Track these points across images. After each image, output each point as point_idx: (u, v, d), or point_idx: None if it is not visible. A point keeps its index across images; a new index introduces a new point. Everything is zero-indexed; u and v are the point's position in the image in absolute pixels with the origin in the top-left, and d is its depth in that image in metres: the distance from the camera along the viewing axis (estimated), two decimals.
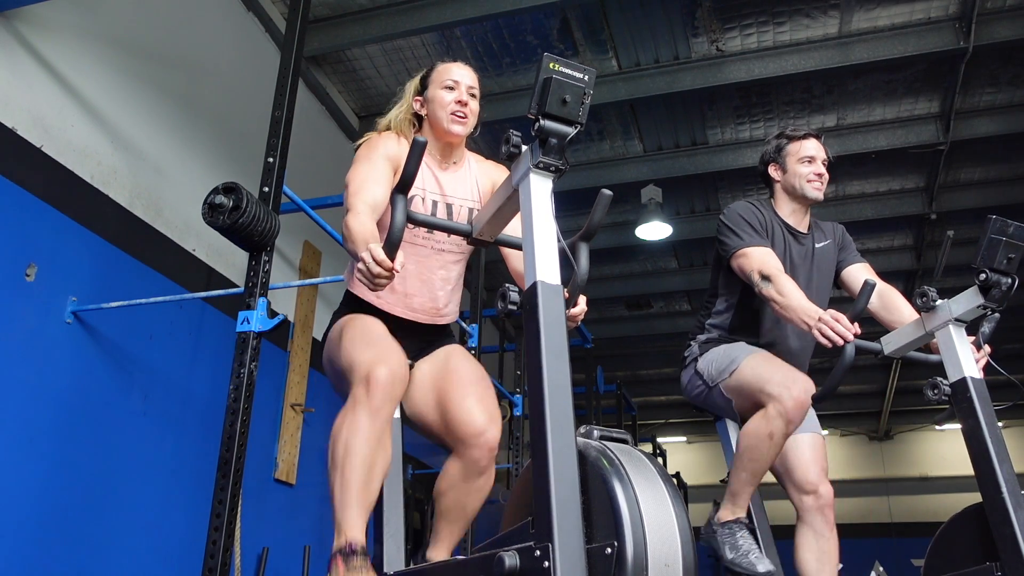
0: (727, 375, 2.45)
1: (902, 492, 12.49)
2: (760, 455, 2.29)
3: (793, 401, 2.24)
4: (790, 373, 2.33)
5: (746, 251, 2.47)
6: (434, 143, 2.13)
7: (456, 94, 2.10)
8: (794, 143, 2.67)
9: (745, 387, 2.39)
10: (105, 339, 3.38)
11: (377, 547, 2.00)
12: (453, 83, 2.12)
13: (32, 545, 2.96)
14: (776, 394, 2.26)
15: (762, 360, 2.41)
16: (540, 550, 1.19)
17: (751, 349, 2.49)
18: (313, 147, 5.20)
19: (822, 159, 2.64)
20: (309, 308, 5.01)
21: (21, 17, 3.12)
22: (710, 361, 2.55)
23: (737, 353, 2.47)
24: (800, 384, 2.27)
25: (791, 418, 2.24)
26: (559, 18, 5.00)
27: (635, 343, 9.94)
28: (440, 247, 2.10)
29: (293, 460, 4.64)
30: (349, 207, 1.89)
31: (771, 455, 2.30)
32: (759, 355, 2.44)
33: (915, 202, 6.79)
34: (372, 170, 1.97)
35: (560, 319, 1.35)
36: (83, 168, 3.38)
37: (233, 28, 4.58)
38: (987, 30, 4.83)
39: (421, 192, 2.07)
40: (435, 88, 2.13)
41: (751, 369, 2.38)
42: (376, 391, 1.77)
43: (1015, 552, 1.93)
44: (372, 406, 1.77)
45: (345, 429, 1.78)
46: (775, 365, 2.39)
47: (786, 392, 2.25)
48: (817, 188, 2.62)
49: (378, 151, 2.03)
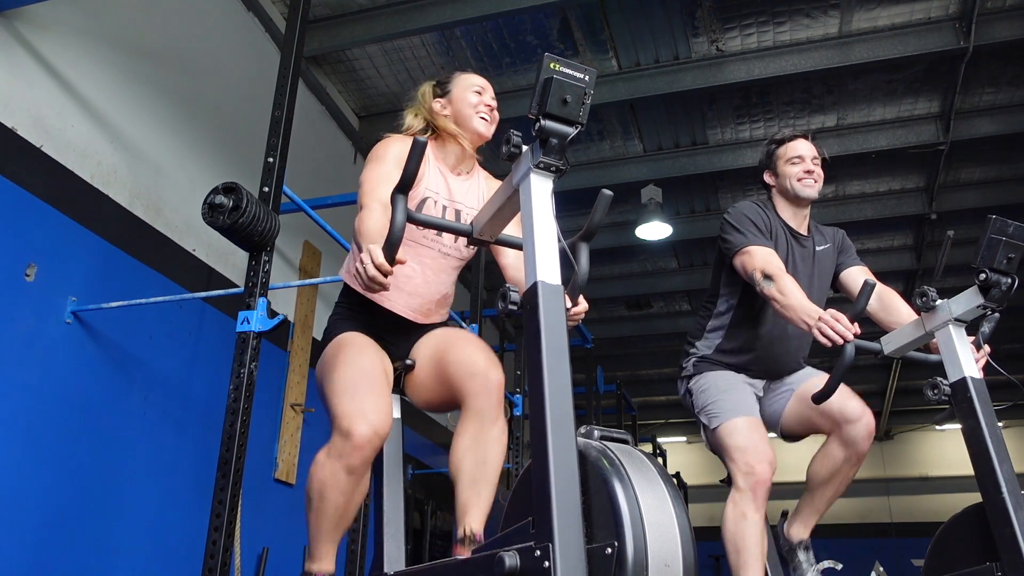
0: (711, 428, 2.51)
1: (902, 492, 12.49)
2: (747, 540, 2.34)
3: (755, 479, 2.34)
4: (757, 450, 2.38)
5: (749, 249, 2.47)
6: (450, 149, 2.16)
7: (483, 98, 2.17)
8: (783, 146, 2.69)
9: (721, 446, 2.47)
10: (105, 339, 3.38)
11: (377, 548, 2.00)
12: (480, 88, 2.18)
13: (32, 545, 2.96)
14: (741, 470, 2.37)
15: (741, 428, 2.44)
16: (540, 550, 1.19)
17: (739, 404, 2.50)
18: (313, 147, 5.20)
19: (812, 157, 2.65)
20: (309, 308, 5.01)
21: (21, 17, 3.12)
22: (700, 390, 2.60)
23: (724, 407, 2.50)
24: (764, 463, 2.35)
25: (755, 494, 2.34)
26: (559, 18, 5.00)
27: (635, 343, 9.94)
28: (446, 251, 2.12)
29: (293, 460, 4.64)
30: (363, 205, 1.92)
31: (757, 532, 2.35)
32: (740, 423, 2.46)
33: (915, 202, 6.79)
34: (386, 173, 1.98)
35: (560, 319, 1.35)
36: (83, 168, 3.38)
37: (233, 28, 4.57)
38: (987, 30, 4.83)
39: (433, 195, 2.09)
40: (461, 90, 2.17)
41: (728, 435, 2.44)
42: (354, 453, 1.78)
43: (1015, 552, 1.93)
44: (349, 464, 1.79)
45: (321, 475, 1.83)
46: (749, 437, 2.42)
47: (748, 476, 2.35)
48: (808, 185, 2.62)
49: (390, 152, 2.05)
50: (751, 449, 2.38)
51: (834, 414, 2.42)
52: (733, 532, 2.36)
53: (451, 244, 2.12)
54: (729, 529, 2.37)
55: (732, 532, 2.36)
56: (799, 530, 2.58)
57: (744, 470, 2.37)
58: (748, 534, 2.33)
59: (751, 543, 2.33)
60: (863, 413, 2.41)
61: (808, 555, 2.54)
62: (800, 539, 2.57)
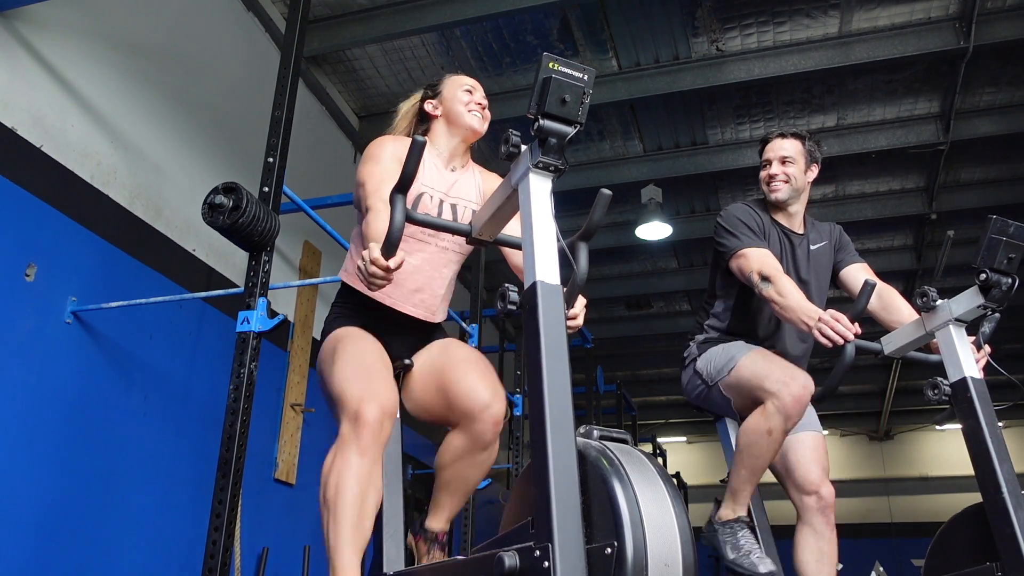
0: (726, 373, 2.45)
1: (902, 492, 12.48)
2: (759, 452, 2.29)
3: (791, 397, 2.23)
4: (789, 370, 2.33)
5: (745, 252, 2.47)
6: (444, 144, 2.19)
7: (476, 96, 2.21)
8: (762, 147, 2.70)
9: (744, 384, 2.38)
10: (105, 339, 3.38)
11: (377, 548, 2.00)
12: (471, 87, 2.22)
13: (32, 545, 2.96)
14: (774, 390, 2.26)
15: (760, 357, 2.40)
16: (540, 550, 1.19)
17: (749, 347, 2.48)
18: (313, 147, 5.20)
19: (779, 158, 2.62)
20: (309, 308, 5.02)
21: (21, 17, 3.12)
22: (708, 360, 2.55)
23: (735, 351, 2.47)
24: (799, 380, 2.27)
25: (790, 414, 2.24)
26: (559, 18, 5.00)
27: (635, 343, 9.94)
28: (445, 245, 2.13)
29: (293, 460, 4.64)
30: (369, 206, 1.93)
31: (771, 452, 2.29)
32: (757, 352, 2.44)
33: (915, 202, 6.79)
34: (386, 172, 2.00)
35: (560, 319, 1.35)
36: (83, 168, 3.38)
37: (233, 28, 4.57)
38: (987, 30, 4.83)
39: (429, 190, 2.10)
40: (452, 89, 2.22)
41: (749, 366, 2.38)
42: (364, 432, 1.78)
43: (1015, 552, 1.93)
44: (360, 446, 1.78)
45: (335, 469, 1.80)
46: (773, 362, 2.38)
47: (784, 388, 2.25)
48: (775, 189, 2.61)
49: (387, 150, 2.07)
50: (781, 369, 2.32)
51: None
52: (750, 440, 2.30)
53: (450, 238, 2.12)
54: (748, 436, 2.31)
55: (749, 440, 2.31)
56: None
57: (778, 389, 2.24)
58: (764, 449, 2.27)
59: (764, 458, 2.29)
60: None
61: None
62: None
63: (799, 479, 2.45)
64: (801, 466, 2.45)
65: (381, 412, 1.80)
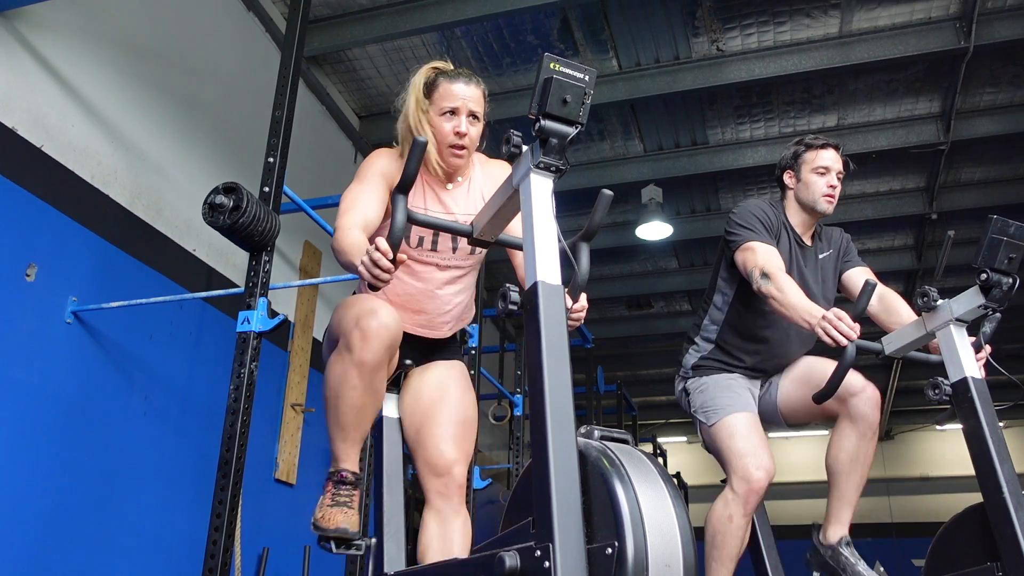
0: (708, 423, 2.51)
1: (903, 492, 12.47)
2: (727, 541, 2.36)
3: (748, 488, 2.35)
4: (757, 454, 2.38)
5: (752, 245, 2.46)
6: (436, 165, 2.07)
7: (455, 123, 2.01)
8: (811, 152, 2.64)
9: (719, 445, 2.47)
10: (105, 339, 3.38)
11: (377, 547, 2.00)
12: (453, 108, 2.01)
13: (32, 545, 2.96)
14: (740, 475, 2.37)
15: (740, 426, 2.44)
16: (540, 550, 1.19)
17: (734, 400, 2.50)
18: (313, 147, 5.20)
19: (837, 171, 2.63)
20: (309, 308, 5.01)
21: (21, 17, 3.12)
22: (697, 399, 2.60)
23: (722, 403, 2.50)
24: (763, 467, 2.35)
25: (747, 501, 2.35)
26: (559, 18, 5.00)
27: (635, 343, 9.94)
28: (446, 263, 2.08)
29: (293, 460, 4.64)
30: (336, 227, 1.91)
31: (738, 538, 2.37)
32: (741, 418, 2.45)
33: (915, 202, 6.78)
34: (364, 190, 1.99)
35: (561, 319, 1.35)
36: (83, 168, 3.38)
37: (233, 28, 4.57)
38: (987, 30, 4.82)
39: (423, 212, 2.02)
40: (434, 113, 2.04)
41: (728, 433, 2.44)
42: (364, 346, 1.81)
43: (1016, 552, 1.93)
44: (359, 357, 1.82)
45: (334, 378, 1.88)
46: (749, 439, 2.41)
47: (745, 481, 2.35)
48: (829, 201, 2.60)
49: (374, 167, 2.04)
50: (749, 454, 2.38)
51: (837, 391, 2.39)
52: (715, 529, 2.39)
53: (449, 256, 2.07)
54: (713, 524, 2.40)
55: (714, 529, 2.40)
56: (836, 529, 2.48)
57: (741, 475, 2.37)
58: (730, 536, 2.36)
59: (730, 545, 2.36)
60: (865, 384, 2.39)
61: (852, 551, 2.45)
62: (840, 537, 2.47)
63: (843, 390, 2.35)
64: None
65: (379, 324, 1.82)
